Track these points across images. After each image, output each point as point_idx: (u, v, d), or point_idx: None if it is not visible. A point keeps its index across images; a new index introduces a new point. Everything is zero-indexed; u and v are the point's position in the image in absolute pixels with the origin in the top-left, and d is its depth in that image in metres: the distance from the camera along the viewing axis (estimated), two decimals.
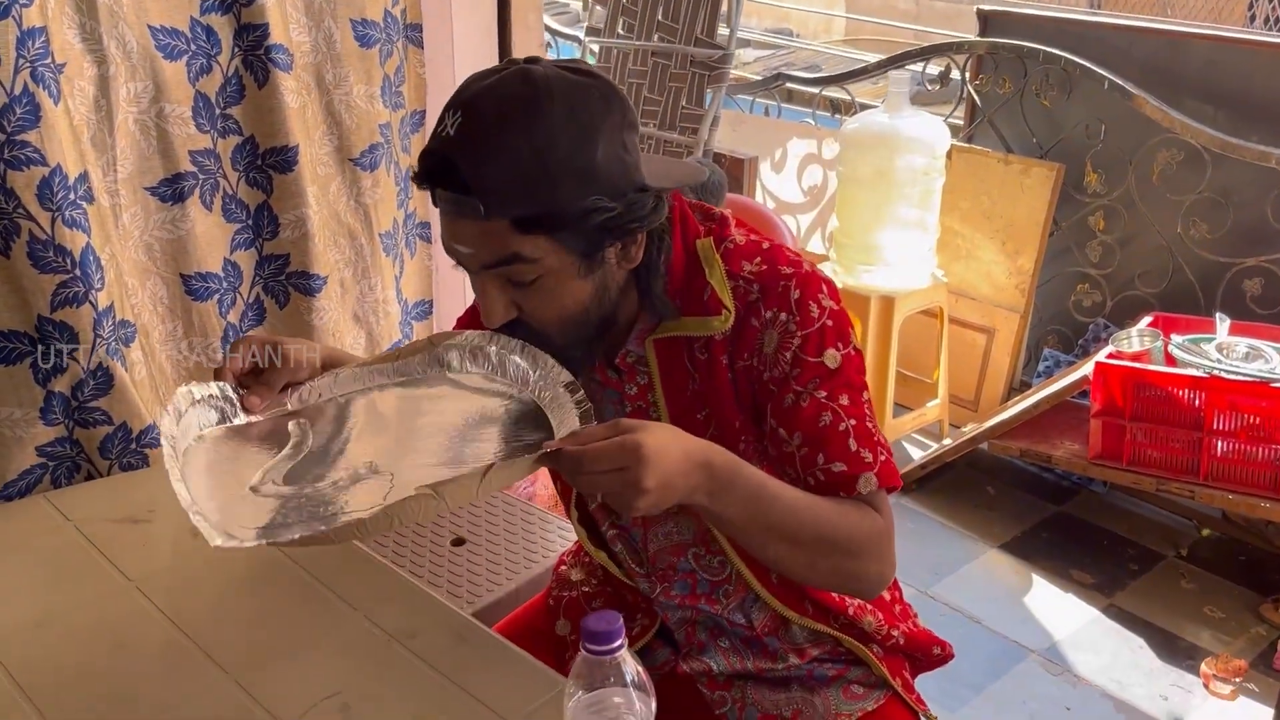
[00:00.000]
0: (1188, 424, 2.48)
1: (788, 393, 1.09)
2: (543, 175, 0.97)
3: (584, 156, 0.98)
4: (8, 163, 1.40)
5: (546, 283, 1.03)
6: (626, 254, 1.07)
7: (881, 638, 1.25)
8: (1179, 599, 2.58)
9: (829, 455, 1.08)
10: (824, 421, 1.08)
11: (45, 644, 1.20)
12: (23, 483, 1.54)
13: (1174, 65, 2.99)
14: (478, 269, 1.04)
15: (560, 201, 0.98)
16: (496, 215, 0.98)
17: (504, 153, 0.96)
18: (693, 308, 1.12)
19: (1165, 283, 3.04)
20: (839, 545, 1.06)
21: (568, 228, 1.00)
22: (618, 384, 1.18)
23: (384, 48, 1.96)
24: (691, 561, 1.23)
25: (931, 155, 3.08)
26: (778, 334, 1.09)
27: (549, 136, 0.96)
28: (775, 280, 1.10)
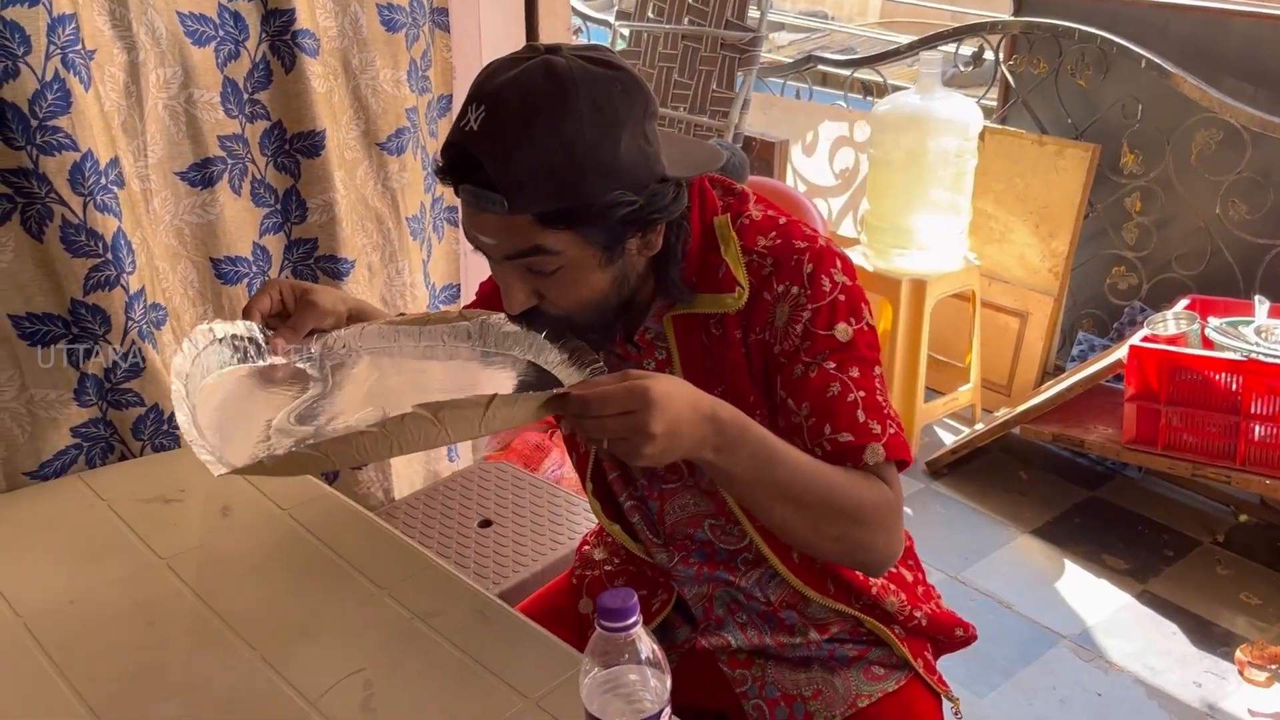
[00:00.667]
0: (1225, 408, 2.44)
1: (796, 364, 1.10)
2: (567, 171, 0.97)
3: (607, 151, 0.98)
4: (40, 148, 1.42)
5: (568, 273, 1.04)
6: (646, 243, 1.08)
7: (904, 618, 1.25)
8: (1214, 585, 2.55)
9: (836, 425, 1.07)
10: (832, 392, 1.08)
11: (79, 621, 1.23)
12: (58, 463, 1.57)
13: (1213, 43, 2.93)
14: (500, 259, 1.05)
15: (584, 197, 0.98)
16: (520, 210, 0.98)
17: (528, 149, 0.96)
18: (707, 285, 1.13)
19: (1203, 265, 2.99)
20: (846, 512, 1.05)
21: (590, 222, 1.00)
22: (636, 358, 1.19)
23: (410, 32, 1.96)
24: (708, 532, 1.24)
25: (964, 137, 3.04)
26: (789, 307, 1.09)
27: (574, 132, 0.96)
28: (789, 254, 1.10)
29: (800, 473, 1.03)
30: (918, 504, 2.88)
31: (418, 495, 2.11)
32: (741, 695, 1.24)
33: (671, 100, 3.94)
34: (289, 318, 1.24)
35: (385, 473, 2.12)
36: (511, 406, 0.96)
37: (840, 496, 1.05)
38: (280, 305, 1.25)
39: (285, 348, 1.22)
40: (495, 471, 2.15)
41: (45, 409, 1.54)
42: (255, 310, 1.22)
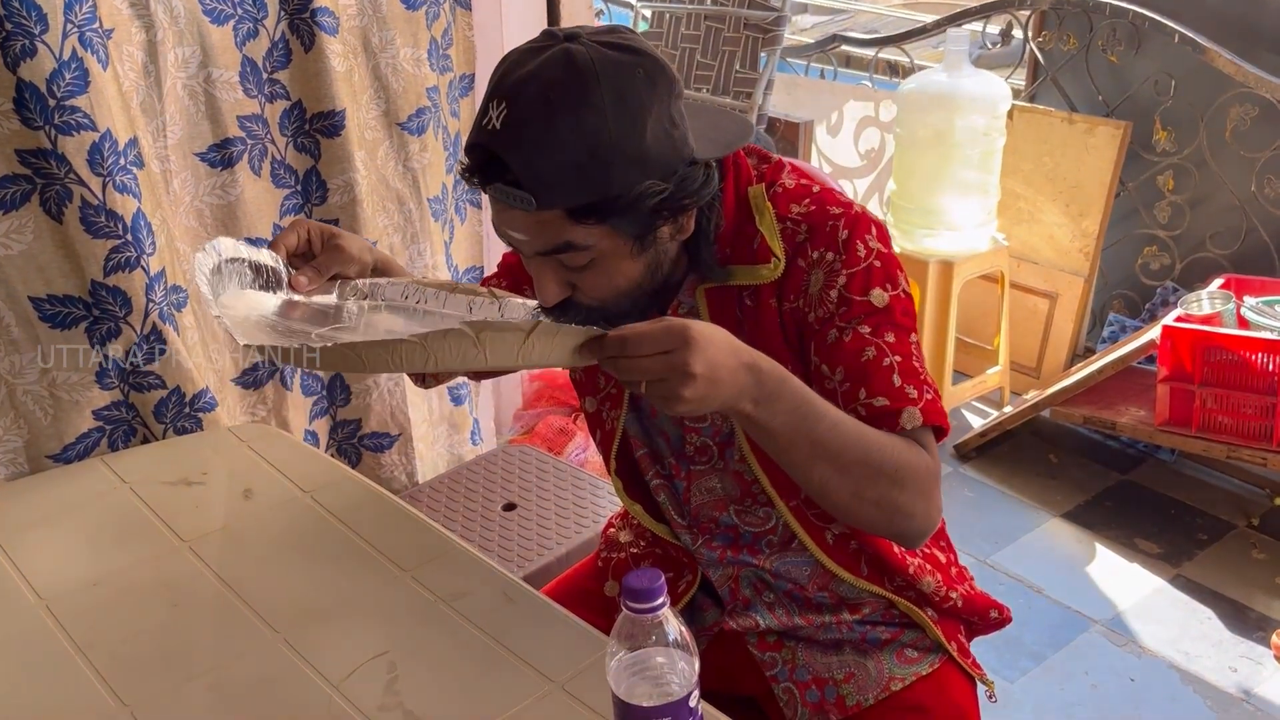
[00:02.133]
0: (1261, 389, 2.39)
1: (830, 328, 1.07)
2: (594, 164, 0.95)
3: (634, 141, 0.96)
4: (58, 128, 1.41)
5: (600, 265, 1.02)
6: (679, 227, 1.06)
7: (939, 600, 1.22)
8: (1250, 569, 2.50)
9: (871, 389, 1.05)
10: (867, 356, 1.06)
11: (101, 602, 1.22)
12: (80, 445, 1.56)
13: (1249, 16, 2.86)
14: (531, 255, 1.03)
15: (612, 189, 0.96)
16: (548, 207, 0.97)
17: (554, 145, 0.94)
18: (742, 256, 1.11)
19: (1238, 244, 2.93)
20: (885, 472, 1.02)
21: (621, 214, 0.98)
22: None
23: (430, 10, 1.94)
24: (733, 515, 1.22)
25: (992, 115, 2.99)
26: (824, 273, 1.07)
27: (597, 125, 0.94)
28: (824, 220, 1.08)
29: (840, 430, 1.00)
30: (946, 487, 2.83)
31: (441, 478, 2.10)
32: (771, 679, 1.22)
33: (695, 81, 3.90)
34: (313, 259, 1.23)
35: (408, 456, 2.11)
36: (551, 338, 0.94)
37: (880, 457, 1.01)
38: (306, 245, 1.23)
39: (307, 287, 1.20)
40: (519, 455, 2.13)
41: (67, 391, 1.53)
42: (281, 245, 1.20)
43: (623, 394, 1.21)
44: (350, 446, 2.08)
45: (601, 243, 1.00)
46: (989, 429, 2.97)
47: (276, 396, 1.92)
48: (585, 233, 0.99)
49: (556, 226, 0.98)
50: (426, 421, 2.17)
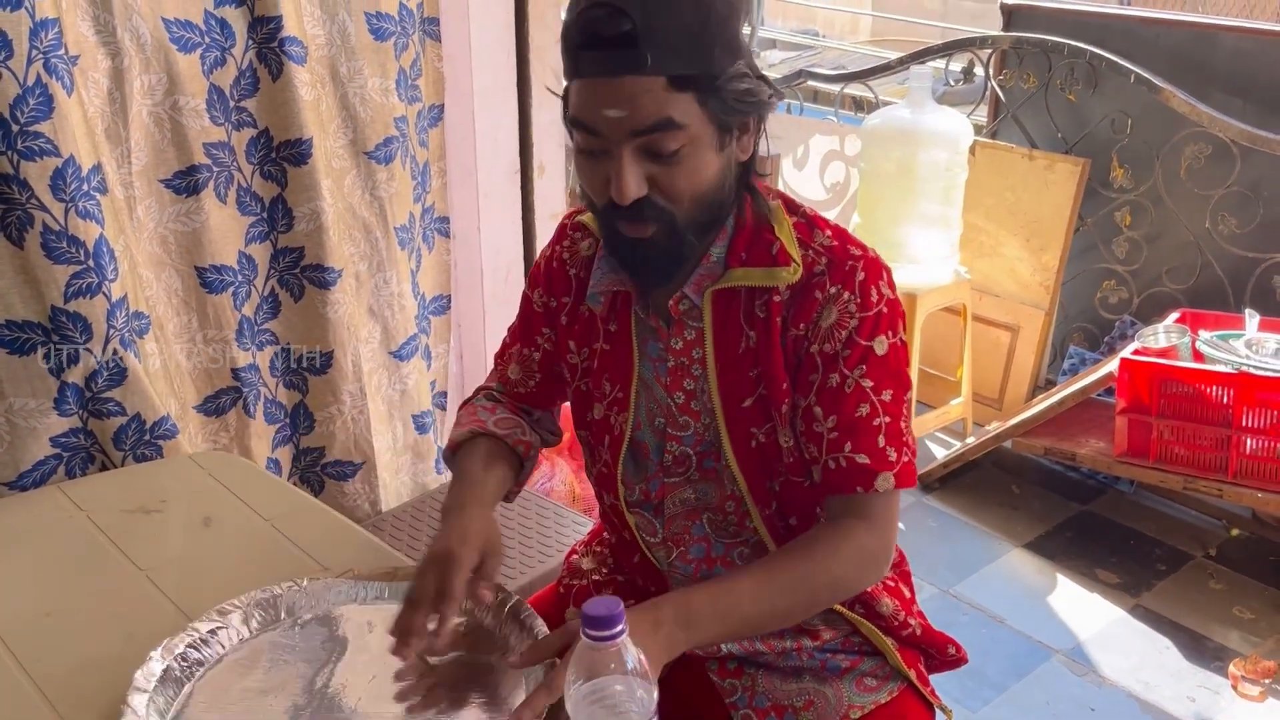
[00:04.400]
0: (1216, 421, 2.43)
1: (834, 373, 1.11)
2: (703, 36, 1.01)
3: (734, 28, 1.03)
4: (21, 153, 1.41)
5: (687, 152, 1.04)
6: (742, 141, 1.10)
7: (898, 625, 1.24)
8: (1207, 599, 2.54)
9: (856, 445, 1.10)
10: (861, 412, 1.10)
11: (56, 633, 1.21)
12: (37, 473, 1.54)
13: (1202, 58, 2.94)
14: (625, 136, 1.03)
15: (713, 65, 1.02)
16: (659, 69, 1.00)
17: (673, 10, 1.00)
18: (759, 259, 1.13)
19: (1193, 279, 2.99)
20: (820, 598, 1.12)
21: (715, 93, 1.03)
22: (665, 335, 1.18)
23: (399, 40, 1.95)
24: (706, 526, 1.23)
25: (954, 150, 3.04)
26: (837, 311, 1.11)
27: (709, 1, 1.01)
28: (844, 258, 1.12)
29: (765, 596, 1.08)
30: (909, 518, 2.86)
31: (405, 507, 2.09)
32: (731, 706, 1.22)
33: None
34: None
35: (372, 484, 2.10)
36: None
37: (810, 591, 1.10)
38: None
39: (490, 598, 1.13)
40: None
41: (24, 418, 1.52)
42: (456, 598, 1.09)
43: (628, 396, 1.20)
44: (313, 475, 2.07)
45: (694, 125, 1.03)
46: (951, 460, 3.00)
47: (239, 424, 1.90)
48: (683, 109, 1.02)
49: (658, 98, 1.01)
50: (390, 450, 2.16)
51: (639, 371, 1.20)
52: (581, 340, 1.25)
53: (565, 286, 1.27)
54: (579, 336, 1.25)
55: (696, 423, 1.18)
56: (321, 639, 1.15)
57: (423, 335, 2.21)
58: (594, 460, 1.29)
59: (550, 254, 1.30)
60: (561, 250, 1.28)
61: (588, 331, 1.24)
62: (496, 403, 1.35)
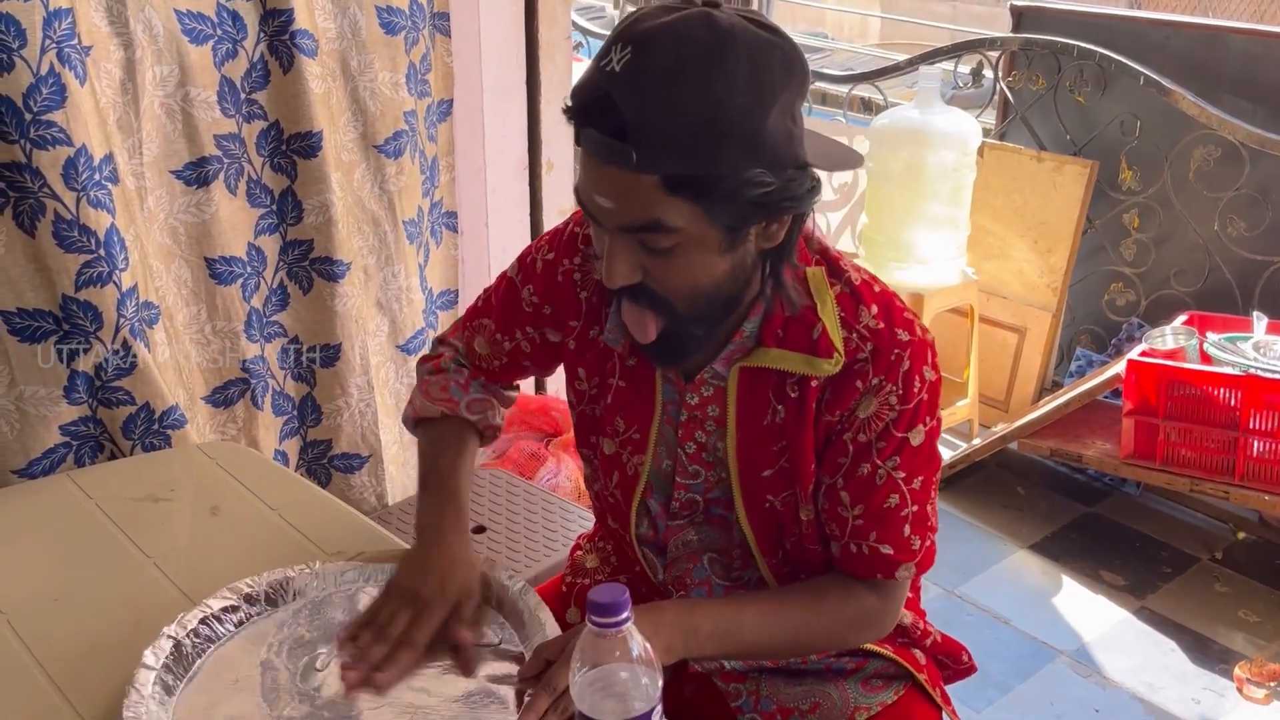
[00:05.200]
0: (1223, 423, 2.43)
1: (865, 462, 1.06)
2: (708, 135, 0.88)
3: (756, 122, 0.89)
4: (34, 142, 1.41)
5: (683, 252, 0.95)
6: (768, 232, 0.99)
7: (920, 634, 1.24)
8: (1213, 602, 2.53)
9: (881, 536, 1.08)
10: (890, 504, 1.07)
11: (63, 619, 1.21)
12: (46, 461, 1.55)
13: (1211, 60, 2.93)
14: (613, 228, 0.95)
15: (720, 167, 0.89)
16: (648, 169, 0.89)
17: (673, 102, 0.87)
18: (798, 342, 1.04)
19: (1201, 281, 2.99)
20: (816, 645, 1.13)
21: (720, 197, 0.91)
22: (682, 388, 1.12)
23: (409, 35, 1.96)
24: (707, 567, 1.20)
25: (962, 151, 3.04)
26: (877, 403, 1.04)
27: (725, 93, 0.87)
28: (890, 345, 1.04)
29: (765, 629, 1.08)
30: None
31: (411, 500, 2.09)
32: (736, 710, 1.21)
33: None
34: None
35: (379, 477, 2.10)
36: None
37: (811, 634, 1.11)
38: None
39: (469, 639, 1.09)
40: (490, 478, 2.13)
41: (34, 406, 1.52)
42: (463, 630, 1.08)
43: (646, 439, 1.14)
44: (320, 467, 2.07)
45: (690, 227, 0.92)
46: (958, 460, 2.99)
47: (247, 415, 1.91)
48: (676, 213, 0.91)
49: (648, 198, 0.91)
50: (398, 443, 2.17)
51: (659, 416, 1.13)
52: (593, 370, 1.17)
53: (575, 309, 1.17)
54: (590, 365, 1.17)
55: (708, 473, 1.15)
56: (331, 620, 1.15)
57: (430, 329, 2.21)
58: (597, 481, 1.24)
59: (556, 260, 1.18)
60: (572, 267, 1.17)
61: (601, 362, 1.16)
62: (465, 374, 1.29)
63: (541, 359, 1.26)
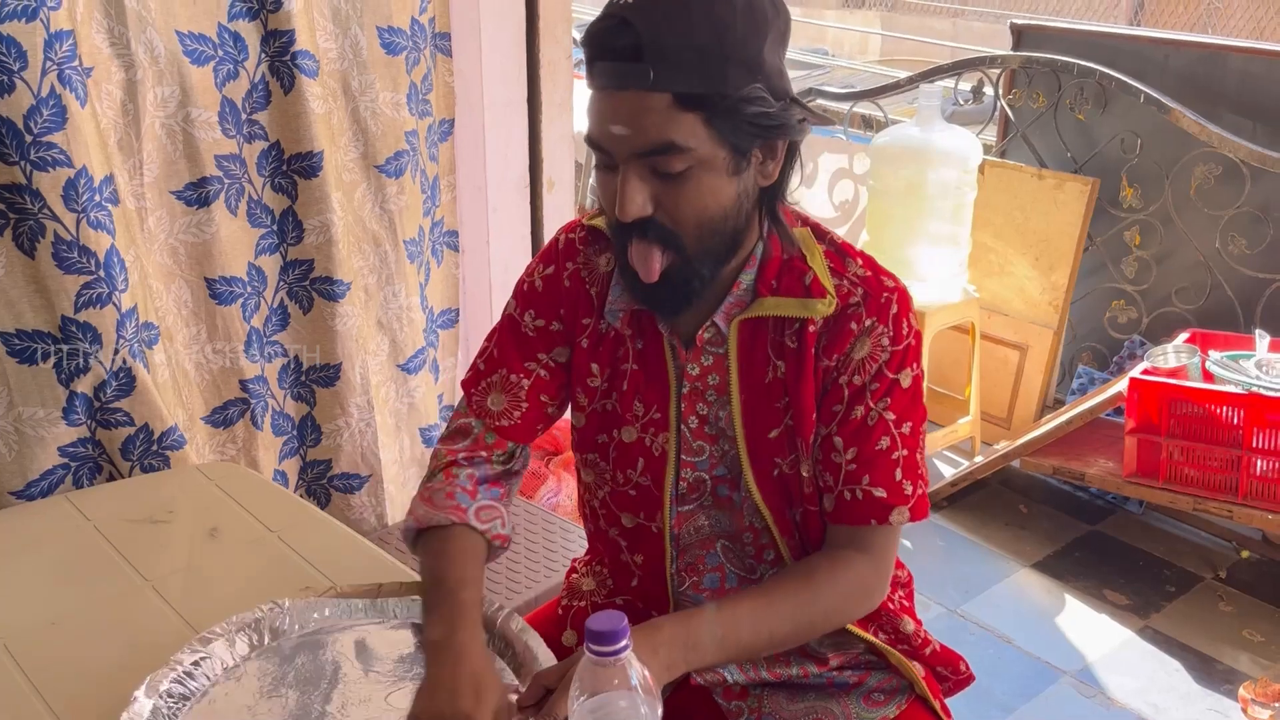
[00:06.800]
0: (1226, 442, 2.42)
1: (859, 405, 1.10)
2: (715, 55, 0.97)
3: (754, 48, 0.99)
4: (34, 163, 1.41)
5: (694, 175, 1.01)
6: (765, 168, 1.06)
7: (921, 643, 1.24)
8: (1217, 622, 2.52)
9: (874, 479, 1.10)
10: (881, 445, 1.10)
11: (60, 643, 1.20)
12: (45, 482, 1.55)
13: (1211, 78, 2.94)
14: (628, 155, 1.01)
15: (725, 84, 0.98)
16: (663, 86, 0.97)
17: (682, 23, 0.97)
18: (792, 289, 1.11)
19: (1203, 299, 2.98)
20: (815, 627, 1.13)
21: (726, 113, 0.99)
22: (683, 358, 1.14)
23: (411, 55, 1.96)
24: (720, 554, 1.21)
25: (963, 169, 3.04)
26: (870, 344, 1.10)
27: (727, 18, 0.97)
28: (879, 290, 1.10)
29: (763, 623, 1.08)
30: (917, 537, 2.85)
31: None
32: None
33: None
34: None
35: (379, 497, 2.10)
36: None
37: (809, 615, 1.10)
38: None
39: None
40: None
41: (33, 427, 1.52)
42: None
43: (667, 416, 1.16)
44: (320, 487, 2.07)
45: (701, 147, 1.00)
46: (960, 478, 2.98)
47: (246, 435, 1.91)
48: (689, 130, 0.98)
49: (662, 119, 0.98)
50: (397, 463, 2.16)
51: (675, 390, 1.15)
52: (605, 361, 1.19)
53: (586, 306, 1.19)
54: (603, 357, 1.19)
55: (711, 447, 1.16)
56: (308, 662, 1.11)
57: (431, 349, 2.21)
58: (608, 481, 1.21)
59: (557, 273, 1.21)
60: (577, 267, 1.20)
61: (613, 351, 1.18)
62: (475, 475, 1.22)
63: (557, 389, 1.23)
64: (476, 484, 1.21)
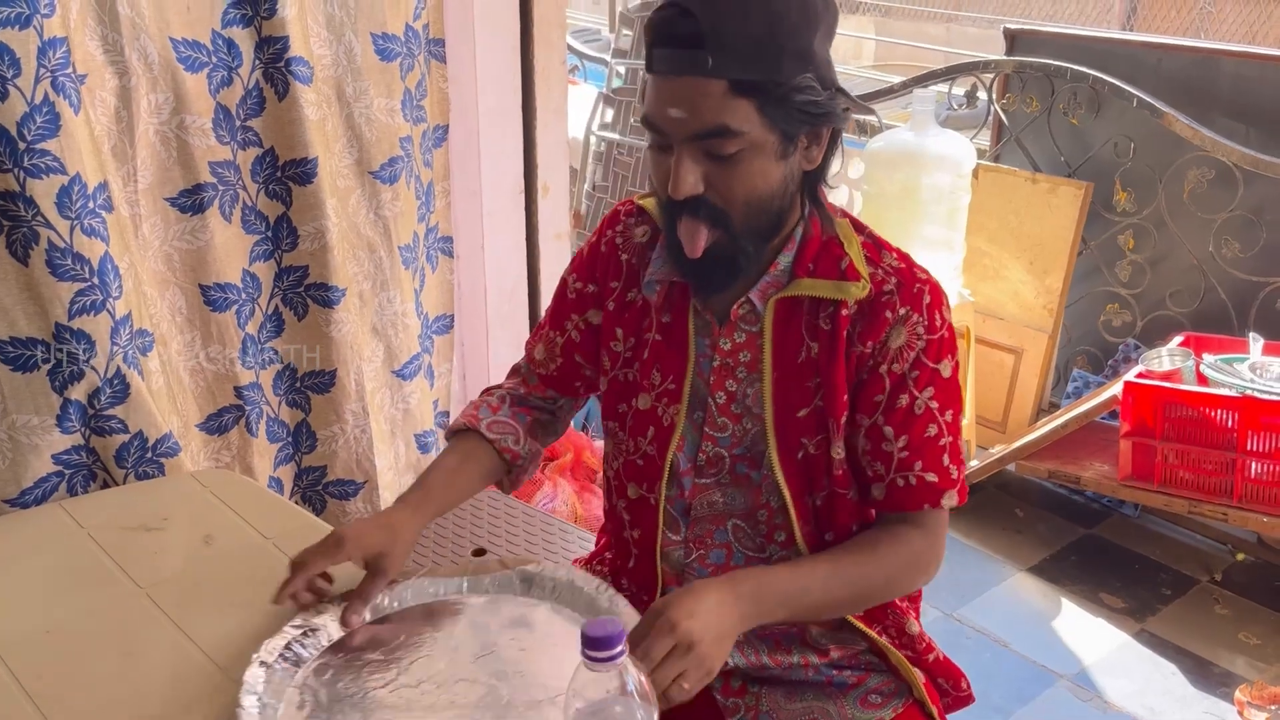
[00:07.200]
0: (1220, 445, 2.42)
1: (903, 394, 1.14)
2: (770, 43, 1.02)
3: (805, 38, 1.04)
4: (27, 171, 1.41)
5: (745, 157, 1.06)
6: (809, 152, 1.11)
7: (924, 648, 1.25)
8: (1213, 624, 2.52)
9: (925, 465, 1.15)
10: (930, 433, 1.15)
11: (54, 651, 1.20)
12: (39, 490, 1.54)
13: (1203, 82, 2.95)
14: (683, 137, 1.06)
15: (779, 72, 1.03)
16: (719, 72, 1.02)
17: (742, 12, 1.02)
18: (827, 272, 1.15)
19: (1197, 302, 2.99)
20: (874, 596, 1.17)
21: (779, 100, 1.04)
22: (716, 333, 1.19)
23: (405, 61, 1.96)
24: (729, 533, 1.23)
25: (957, 173, 3.05)
26: (906, 332, 1.14)
27: (783, 10, 1.03)
28: (912, 280, 1.15)
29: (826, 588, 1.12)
30: None
31: None
32: None
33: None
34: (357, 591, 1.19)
35: (374, 504, 2.09)
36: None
37: (869, 585, 1.15)
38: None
39: (359, 621, 1.17)
40: (488, 500, 2.12)
41: (27, 435, 1.51)
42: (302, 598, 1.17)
43: (680, 389, 1.21)
44: (315, 494, 2.06)
45: (753, 131, 1.04)
46: None
47: (241, 442, 1.90)
48: (743, 115, 1.04)
49: (717, 104, 1.03)
50: (393, 469, 2.16)
51: (693, 364, 1.21)
52: (630, 328, 1.25)
53: (616, 271, 1.27)
54: (628, 324, 1.26)
55: (735, 425, 1.19)
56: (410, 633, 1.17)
57: (426, 354, 2.21)
58: (623, 451, 1.27)
59: (598, 239, 1.30)
60: (614, 235, 1.29)
61: (638, 320, 1.25)
62: (505, 402, 1.36)
63: (589, 349, 1.32)
64: (502, 403, 1.36)
